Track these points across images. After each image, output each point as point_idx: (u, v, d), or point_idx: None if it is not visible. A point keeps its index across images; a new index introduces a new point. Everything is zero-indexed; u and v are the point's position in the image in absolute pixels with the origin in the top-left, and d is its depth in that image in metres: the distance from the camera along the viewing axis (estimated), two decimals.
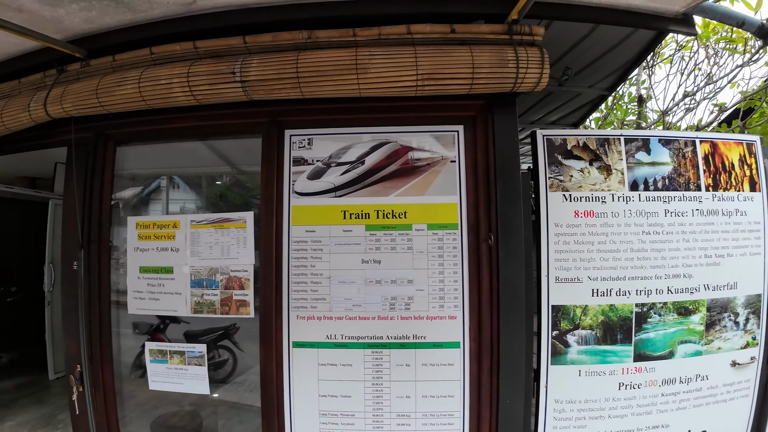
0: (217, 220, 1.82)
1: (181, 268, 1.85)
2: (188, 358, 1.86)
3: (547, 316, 1.70)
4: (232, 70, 1.63)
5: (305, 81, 1.57)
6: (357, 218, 1.68)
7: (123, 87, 1.73)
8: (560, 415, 1.73)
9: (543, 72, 1.55)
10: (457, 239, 1.68)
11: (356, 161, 1.71)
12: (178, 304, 1.85)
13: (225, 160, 2.30)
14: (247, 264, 1.77)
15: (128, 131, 2.03)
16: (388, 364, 1.68)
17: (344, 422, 1.71)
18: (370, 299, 1.68)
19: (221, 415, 2.59)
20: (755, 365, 1.86)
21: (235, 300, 1.77)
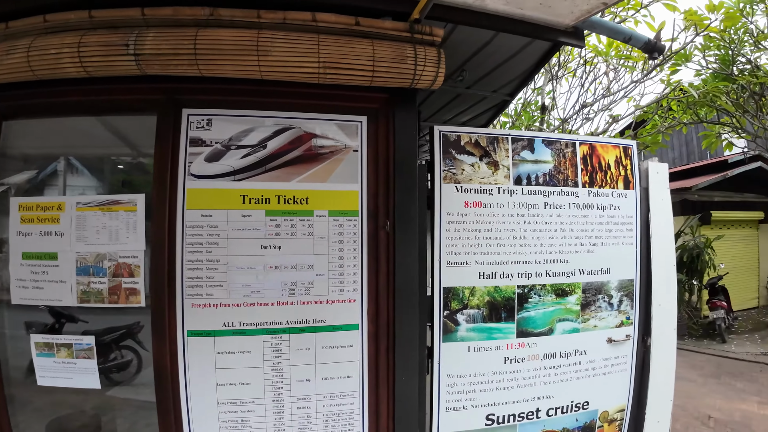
0: (105, 202, 1.69)
1: (66, 254, 1.70)
2: (76, 350, 1.72)
3: (439, 297, 1.82)
4: (126, 42, 1.52)
5: (203, 58, 1.51)
6: (257, 203, 1.66)
7: (11, 56, 1.57)
8: (452, 389, 1.86)
9: (439, 71, 1.64)
10: (357, 226, 1.72)
11: (258, 145, 1.68)
12: (63, 293, 1.69)
13: (124, 140, 2.14)
14: (137, 250, 1.67)
15: (15, 104, 1.82)
16: (287, 348, 1.68)
17: (244, 410, 1.68)
18: (269, 285, 1.66)
19: (127, 417, 2.44)
20: (631, 342, 2.11)
21: (124, 288, 1.66)
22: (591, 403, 2.05)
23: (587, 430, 2.06)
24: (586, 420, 2.06)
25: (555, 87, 5.16)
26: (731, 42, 4.73)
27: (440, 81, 1.66)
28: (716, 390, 5.15)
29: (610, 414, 2.10)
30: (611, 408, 2.10)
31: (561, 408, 2.00)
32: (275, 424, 1.71)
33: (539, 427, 1.98)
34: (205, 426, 1.68)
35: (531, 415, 1.96)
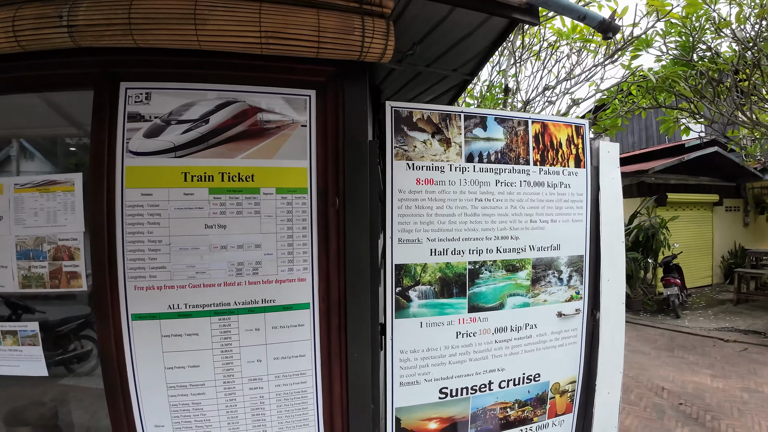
0: (42, 182, 1.59)
1: (5, 238, 1.60)
2: (21, 338, 1.64)
3: (391, 274, 1.81)
4: (59, 14, 1.42)
5: (138, 28, 1.41)
6: (199, 181, 1.58)
7: None
8: (405, 364, 1.87)
9: (388, 43, 1.59)
10: (306, 204, 1.68)
11: (200, 119, 1.60)
12: (5, 278, 1.60)
13: (63, 117, 2.01)
14: (77, 231, 1.58)
15: None
16: (236, 330, 1.64)
17: (194, 392, 1.64)
18: (215, 266, 1.61)
19: (88, 406, 2.36)
20: (580, 316, 2.18)
21: (65, 272, 1.58)
22: (542, 375, 2.12)
23: (539, 401, 2.13)
24: (538, 392, 2.12)
25: (519, 69, 5.18)
26: (692, 29, 4.84)
27: (389, 54, 1.61)
28: (669, 363, 5.36)
29: (562, 385, 2.18)
30: (562, 380, 2.17)
31: (513, 380, 2.06)
32: (227, 406, 1.68)
33: (492, 399, 2.03)
34: (155, 410, 1.64)
35: (484, 387, 2.00)
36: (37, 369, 1.70)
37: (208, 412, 1.67)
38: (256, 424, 1.72)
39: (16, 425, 2.06)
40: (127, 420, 1.64)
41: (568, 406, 2.20)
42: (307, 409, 1.75)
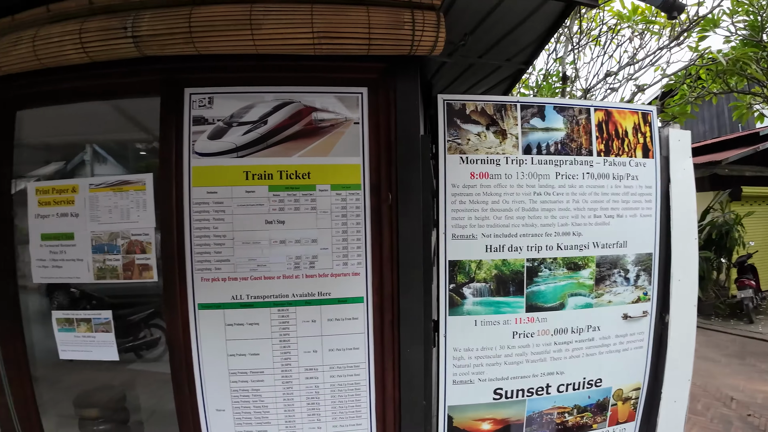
0: (115, 182, 1.72)
1: (82, 234, 1.75)
2: (95, 325, 1.79)
3: (445, 270, 1.78)
4: (124, 25, 1.52)
5: (198, 36, 1.50)
6: (260, 179, 1.65)
7: (18, 47, 1.60)
8: (459, 362, 1.84)
9: (439, 36, 1.56)
10: (360, 199, 1.69)
11: (258, 121, 1.66)
12: (81, 270, 1.76)
13: (132, 122, 2.17)
14: (148, 227, 1.70)
15: (25, 93, 1.86)
16: (294, 321, 1.70)
17: (254, 379, 1.72)
18: (274, 259, 1.67)
19: (154, 391, 2.54)
20: (648, 319, 2.02)
21: (137, 264, 1.71)
22: (604, 380, 1.99)
23: (600, 407, 2.01)
24: (599, 397, 2.00)
25: (577, 56, 4.90)
26: (760, 8, 4.35)
27: (441, 46, 1.58)
28: (739, 371, 4.98)
29: (625, 392, 2.04)
30: (626, 386, 2.04)
31: (572, 384, 1.95)
32: (284, 394, 1.74)
33: (549, 403, 1.95)
34: (217, 395, 1.73)
35: (541, 390, 1.92)
36: (109, 354, 1.85)
37: (266, 398, 1.74)
38: (311, 413, 1.77)
39: (86, 407, 2.23)
40: (191, 403, 1.75)
41: (631, 414, 2.07)
42: (359, 401, 1.78)
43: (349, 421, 1.79)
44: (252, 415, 1.75)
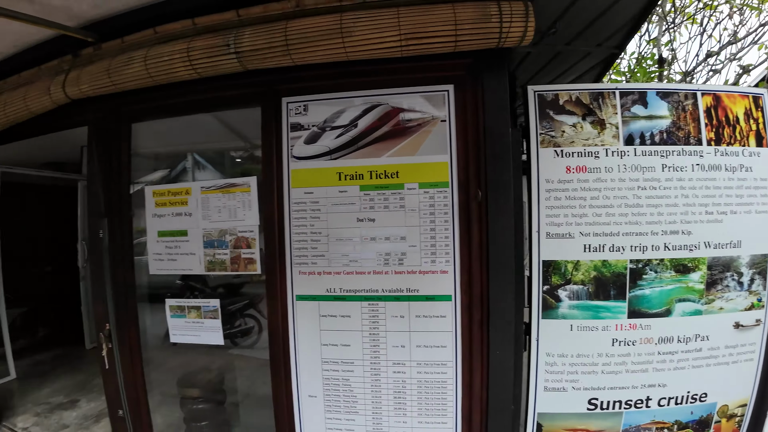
0: (224, 185, 1.94)
1: (194, 231, 2.00)
2: (204, 312, 2.03)
3: (538, 270, 1.72)
4: (227, 43, 1.70)
5: (294, 48, 1.62)
6: (351, 179, 1.75)
7: (131, 65, 1.84)
8: (552, 368, 1.77)
9: (528, 26, 1.53)
10: (448, 197, 1.71)
11: (349, 124, 1.76)
12: (193, 263, 2.01)
13: (233, 131, 2.40)
14: (253, 225, 1.90)
15: (140, 108, 2.15)
16: (383, 315, 1.77)
17: (345, 369, 1.83)
18: (365, 255, 1.76)
19: (248, 375, 2.79)
20: (761, 328, 1.81)
21: (243, 258, 1.91)
22: (710, 395, 1.81)
23: (702, 424, 1.83)
24: (702, 413, 1.82)
25: (673, 37, 4.44)
26: None
27: (530, 36, 1.54)
28: None
29: (730, 408, 1.83)
30: (732, 402, 1.83)
31: (675, 398, 1.80)
32: (372, 385, 1.83)
33: (648, 417, 1.80)
34: (310, 380, 1.88)
35: (640, 403, 1.79)
36: (216, 339, 2.09)
37: (355, 388, 1.84)
38: (397, 406, 1.83)
39: (188, 387, 2.51)
40: (286, 388, 1.91)
41: None
42: (445, 400, 1.79)
43: (435, 419, 1.81)
44: (341, 404, 1.86)
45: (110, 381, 2.29)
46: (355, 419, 1.86)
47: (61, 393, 3.92)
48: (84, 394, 3.90)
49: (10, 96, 2.23)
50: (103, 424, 3.30)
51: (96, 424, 3.32)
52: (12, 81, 2.36)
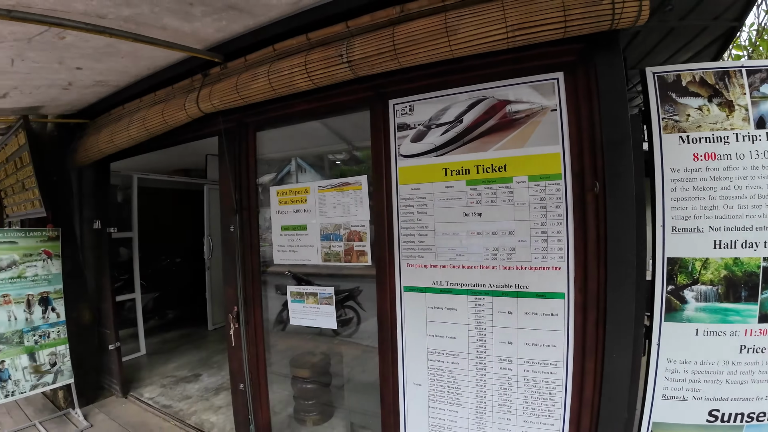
0: (338, 184, 2.19)
1: (313, 226, 2.29)
2: (320, 298, 2.29)
3: (662, 269, 1.64)
4: (340, 53, 1.87)
5: (401, 52, 1.73)
6: (457, 174, 1.84)
7: (256, 81, 2.14)
8: (672, 375, 1.67)
9: (642, 4, 1.44)
10: (560, 189, 1.70)
11: (454, 121, 1.85)
12: (312, 254, 2.30)
13: (339, 135, 2.64)
14: (364, 220, 2.12)
15: (263, 118, 2.50)
16: (490, 310, 1.83)
17: (450, 360, 1.93)
18: (472, 249, 1.84)
19: (347, 361, 3.03)
20: None
21: (355, 250, 2.13)
22: None
23: None
24: None
25: None
26: None
27: (645, 15, 1.45)
28: None
29: None
30: None
31: None
32: (477, 380, 1.89)
33: None
34: (416, 368, 2.01)
35: (762, 416, 1.62)
36: (330, 323, 2.36)
37: (459, 380, 1.93)
38: (502, 403, 1.86)
39: (299, 367, 2.82)
40: (393, 373, 2.07)
41: None
42: (554, 401, 1.78)
43: (541, 419, 1.81)
44: (445, 394, 1.96)
45: (235, 357, 2.67)
46: (458, 411, 1.94)
47: (185, 368, 4.63)
48: (205, 370, 4.56)
49: (148, 112, 2.72)
50: (221, 396, 3.84)
51: (215, 396, 3.86)
52: (147, 99, 2.88)
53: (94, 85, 2.90)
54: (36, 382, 3.27)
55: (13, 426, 3.31)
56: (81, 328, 3.72)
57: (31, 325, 3.29)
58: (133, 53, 2.32)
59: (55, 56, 2.26)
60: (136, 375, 4.39)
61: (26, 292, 3.29)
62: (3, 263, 3.22)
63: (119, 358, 3.91)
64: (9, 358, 3.15)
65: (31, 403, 3.71)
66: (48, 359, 3.36)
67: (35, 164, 3.20)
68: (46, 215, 3.37)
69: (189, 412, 3.53)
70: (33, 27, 1.87)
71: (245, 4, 1.87)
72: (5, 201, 4.10)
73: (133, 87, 2.91)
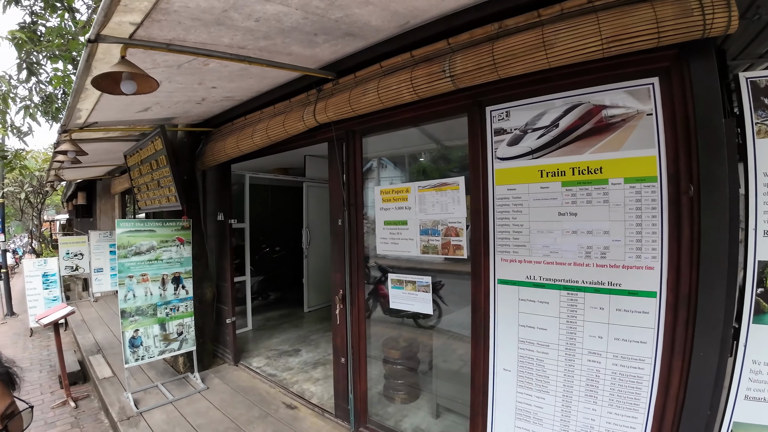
0: (437, 184, 2.64)
1: (413, 221, 2.79)
2: (418, 286, 2.76)
3: (753, 272, 1.79)
4: (443, 69, 2.27)
5: (501, 65, 2.04)
6: (553, 176, 2.16)
7: (367, 95, 2.67)
8: (756, 377, 1.81)
9: (731, 15, 1.60)
10: (656, 192, 1.91)
11: (550, 125, 2.17)
12: (411, 246, 2.81)
13: (432, 139, 3.06)
14: (461, 217, 2.56)
15: (369, 126, 3.09)
16: (582, 305, 2.12)
17: (539, 350, 2.27)
18: (566, 247, 2.14)
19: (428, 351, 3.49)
20: None
21: (452, 244, 2.56)
22: None
23: None
24: None
25: None
26: None
27: (735, 24, 1.60)
28: None
29: None
30: None
31: None
32: (565, 370, 2.20)
33: None
34: (506, 356, 2.39)
35: None
36: (426, 308, 2.85)
37: (548, 369, 2.26)
38: (588, 393, 2.13)
39: (390, 349, 3.42)
40: (484, 358, 2.48)
41: None
42: (639, 395, 2.00)
43: (625, 412, 2.03)
44: (533, 381, 2.31)
45: (339, 334, 3.32)
46: (545, 398, 2.27)
47: (286, 343, 5.62)
48: (304, 346, 5.51)
49: (270, 123, 3.47)
50: (319, 370, 4.68)
51: (313, 369, 4.69)
52: (268, 111, 3.61)
53: (222, 100, 3.73)
54: (164, 348, 4.29)
55: (137, 387, 4.32)
56: (203, 303, 4.71)
57: (164, 300, 4.29)
58: (260, 74, 3.03)
59: (197, 79, 2.98)
60: (245, 347, 5.46)
61: (162, 272, 4.30)
62: (143, 248, 4.22)
63: (234, 331, 4.88)
64: (143, 327, 4.16)
65: (153, 367, 4.83)
66: (176, 329, 4.34)
67: (172, 166, 4.16)
68: (182, 208, 4.29)
69: (291, 381, 4.36)
70: (184, 57, 2.46)
71: (359, 31, 2.38)
72: (138, 196, 5.22)
73: (254, 101, 3.73)
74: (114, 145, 5.04)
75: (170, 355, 4.34)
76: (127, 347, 4.02)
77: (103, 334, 6.34)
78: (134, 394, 4.04)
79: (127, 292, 4.04)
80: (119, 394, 4.15)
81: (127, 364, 4.00)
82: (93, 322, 7.14)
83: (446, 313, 3.10)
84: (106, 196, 10.74)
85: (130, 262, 4.08)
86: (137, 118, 3.96)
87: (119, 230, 4.10)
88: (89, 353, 5.51)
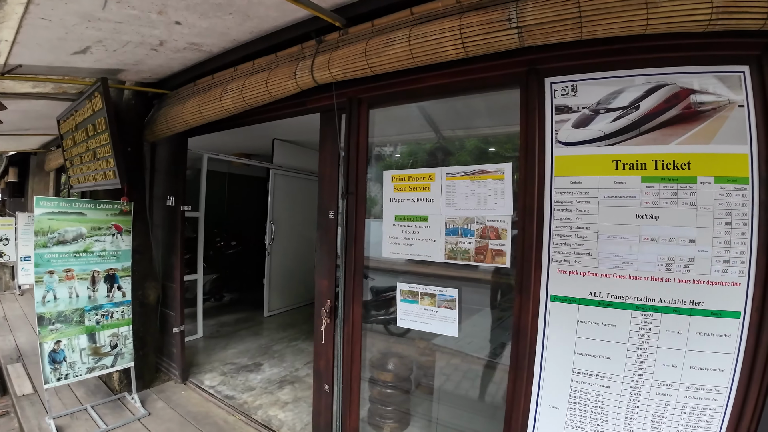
0: (473, 171, 2.33)
1: (436, 217, 2.45)
2: (439, 300, 2.41)
3: None
4: (508, 17, 1.94)
5: (588, 20, 1.78)
6: (631, 169, 1.95)
7: (392, 47, 2.30)
8: None
9: None
10: (747, 195, 1.79)
11: (629, 106, 1.96)
12: (433, 250, 2.49)
13: (483, 116, 2.75)
14: (505, 215, 2.27)
15: (382, 93, 2.70)
16: (657, 329, 1.93)
17: (599, 383, 2.06)
18: (643, 257, 1.94)
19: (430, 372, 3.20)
20: None
21: (491, 249, 2.27)
22: None
23: None
24: None
25: None
26: None
27: None
28: None
29: None
30: None
31: None
32: (628, 405, 2.00)
33: None
34: (554, 391, 2.15)
35: None
36: (449, 330, 2.50)
37: (607, 406, 2.05)
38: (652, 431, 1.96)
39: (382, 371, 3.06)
40: (526, 393, 2.22)
41: None
42: (709, 430, 1.86)
43: None
44: (587, 421, 2.09)
45: (323, 355, 2.95)
46: None
47: (245, 355, 5.22)
48: (266, 359, 5.10)
49: (247, 81, 2.98)
50: (286, 390, 4.31)
51: (280, 389, 4.30)
52: (245, 68, 3.09)
53: (185, 49, 3.21)
54: (93, 365, 3.76)
55: (63, 409, 3.77)
56: (145, 307, 4.21)
57: (94, 304, 3.74)
58: (244, 10, 2.55)
59: (158, 2, 2.40)
60: (195, 359, 5.00)
61: (92, 268, 3.74)
62: (68, 236, 3.63)
63: (182, 342, 4.43)
64: (66, 338, 3.59)
65: (83, 383, 4.27)
66: (109, 341, 3.81)
67: (112, 132, 3.58)
68: (121, 187, 3.71)
69: (254, 405, 3.96)
70: None
71: None
72: (70, 171, 4.53)
73: (226, 55, 3.23)
74: (47, 107, 4.40)
75: (101, 373, 3.81)
76: (46, 363, 3.46)
77: (26, 336, 5.71)
78: (57, 420, 3.51)
79: (47, 292, 3.46)
80: (40, 419, 3.58)
81: (47, 384, 3.46)
82: (16, 320, 6.49)
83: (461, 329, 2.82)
84: (40, 174, 10.09)
85: (50, 254, 3.48)
86: (74, 65, 3.40)
87: (38, 211, 3.49)
88: (8, 360, 4.88)
